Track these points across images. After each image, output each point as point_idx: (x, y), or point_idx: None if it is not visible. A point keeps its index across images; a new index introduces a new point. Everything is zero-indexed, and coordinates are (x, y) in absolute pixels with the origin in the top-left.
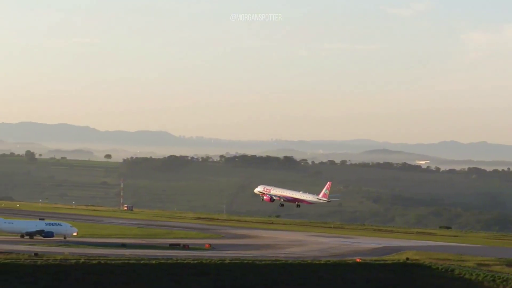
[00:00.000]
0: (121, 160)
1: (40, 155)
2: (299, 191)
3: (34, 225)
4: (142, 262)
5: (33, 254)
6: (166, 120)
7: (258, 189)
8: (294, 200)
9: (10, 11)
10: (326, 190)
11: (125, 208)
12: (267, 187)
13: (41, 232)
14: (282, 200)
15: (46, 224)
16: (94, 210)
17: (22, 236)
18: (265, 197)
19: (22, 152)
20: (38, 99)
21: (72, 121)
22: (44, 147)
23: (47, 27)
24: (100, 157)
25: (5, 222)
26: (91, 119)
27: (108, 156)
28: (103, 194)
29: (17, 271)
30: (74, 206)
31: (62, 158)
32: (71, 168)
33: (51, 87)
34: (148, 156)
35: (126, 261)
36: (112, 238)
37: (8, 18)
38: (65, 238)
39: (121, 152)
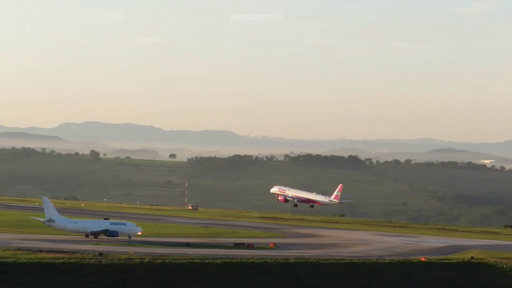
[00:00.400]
0: (185, 160)
1: (105, 154)
2: (320, 193)
3: (98, 224)
4: (206, 261)
5: (97, 253)
6: (231, 119)
7: (274, 190)
8: (308, 200)
9: (74, 10)
10: (338, 192)
11: (190, 207)
12: (282, 187)
13: (105, 232)
14: (296, 200)
15: (111, 224)
16: (158, 209)
17: (86, 235)
18: (279, 198)
19: (86, 151)
20: (103, 99)
21: (137, 120)
22: (109, 147)
23: (111, 26)
24: (164, 156)
25: (70, 222)
26: (156, 119)
27: (173, 155)
28: (167, 193)
29: (82, 270)
30: (138, 206)
31: (126, 157)
32: (136, 168)
33: (116, 86)
34: (213, 156)
35: (190, 261)
36: (176, 238)
37: (72, 17)
38: (129, 237)
39: (186, 152)
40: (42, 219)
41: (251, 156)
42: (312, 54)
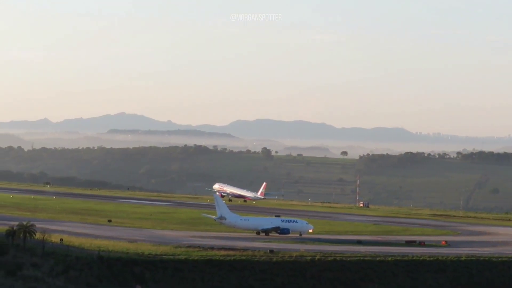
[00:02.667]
0: (357, 157)
1: (276, 152)
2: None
3: (270, 222)
4: (377, 259)
5: (268, 251)
6: (403, 116)
7: (215, 186)
8: (240, 196)
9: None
10: (262, 189)
11: (361, 204)
12: (222, 185)
13: (277, 229)
14: (230, 196)
15: (282, 221)
16: (330, 207)
17: (258, 233)
18: (217, 193)
19: (258, 149)
20: (274, 97)
21: (309, 118)
22: (281, 144)
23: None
24: (336, 154)
25: (241, 219)
26: (328, 116)
27: (345, 153)
28: (339, 191)
29: (253, 267)
30: (309, 203)
31: (298, 155)
32: (308, 165)
33: (287, 85)
34: (385, 153)
35: (361, 258)
36: (347, 235)
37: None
38: (300, 235)
39: (358, 149)
40: (213, 217)
41: (423, 153)
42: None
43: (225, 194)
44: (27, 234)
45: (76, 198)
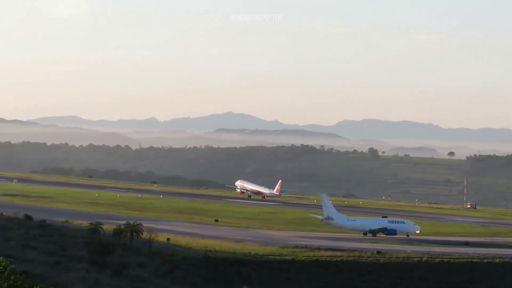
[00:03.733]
0: (464, 158)
1: (383, 152)
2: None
3: (377, 222)
4: (485, 261)
5: (375, 252)
6: (510, 117)
7: (237, 183)
8: (258, 192)
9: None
10: (278, 187)
11: (468, 206)
12: (243, 182)
13: (384, 230)
14: (249, 192)
15: (389, 222)
16: (437, 208)
17: (364, 233)
18: (238, 190)
19: (365, 149)
20: (381, 98)
21: (415, 118)
22: (387, 144)
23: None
24: (443, 154)
25: (348, 220)
26: (435, 116)
27: (451, 153)
28: (446, 191)
29: (360, 269)
30: (417, 204)
31: (405, 155)
32: (414, 166)
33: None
34: (492, 154)
35: (469, 260)
36: (455, 236)
37: None
38: (408, 236)
39: (464, 150)
40: (320, 217)
41: None
42: None
43: (245, 191)
44: (134, 234)
45: (183, 197)
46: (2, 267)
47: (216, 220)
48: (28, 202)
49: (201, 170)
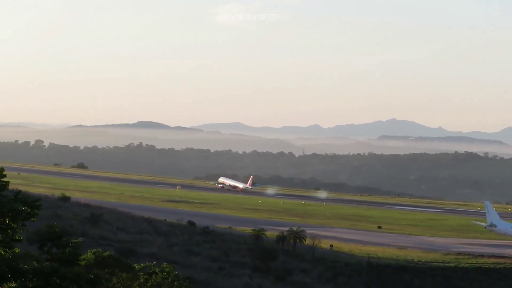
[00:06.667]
0: None
1: None
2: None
3: None
4: None
5: None
6: None
7: (220, 179)
8: (234, 187)
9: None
10: (250, 181)
11: None
12: (224, 178)
13: None
14: (228, 186)
15: None
16: None
17: None
18: (219, 185)
19: None
20: None
21: None
22: None
23: None
24: None
25: (511, 227)
26: None
27: None
28: None
29: None
30: None
31: None
32: None
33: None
34: None
35: None
36: None
37: None
38: None
39: None
40: (483, 224)
41: None
42: None
43: (224, 186)
44: (297, 240)
45: (346, 204)
46: (165, 273)
47: (379, 227)
48: (192, 208)
49: (365, 177)
